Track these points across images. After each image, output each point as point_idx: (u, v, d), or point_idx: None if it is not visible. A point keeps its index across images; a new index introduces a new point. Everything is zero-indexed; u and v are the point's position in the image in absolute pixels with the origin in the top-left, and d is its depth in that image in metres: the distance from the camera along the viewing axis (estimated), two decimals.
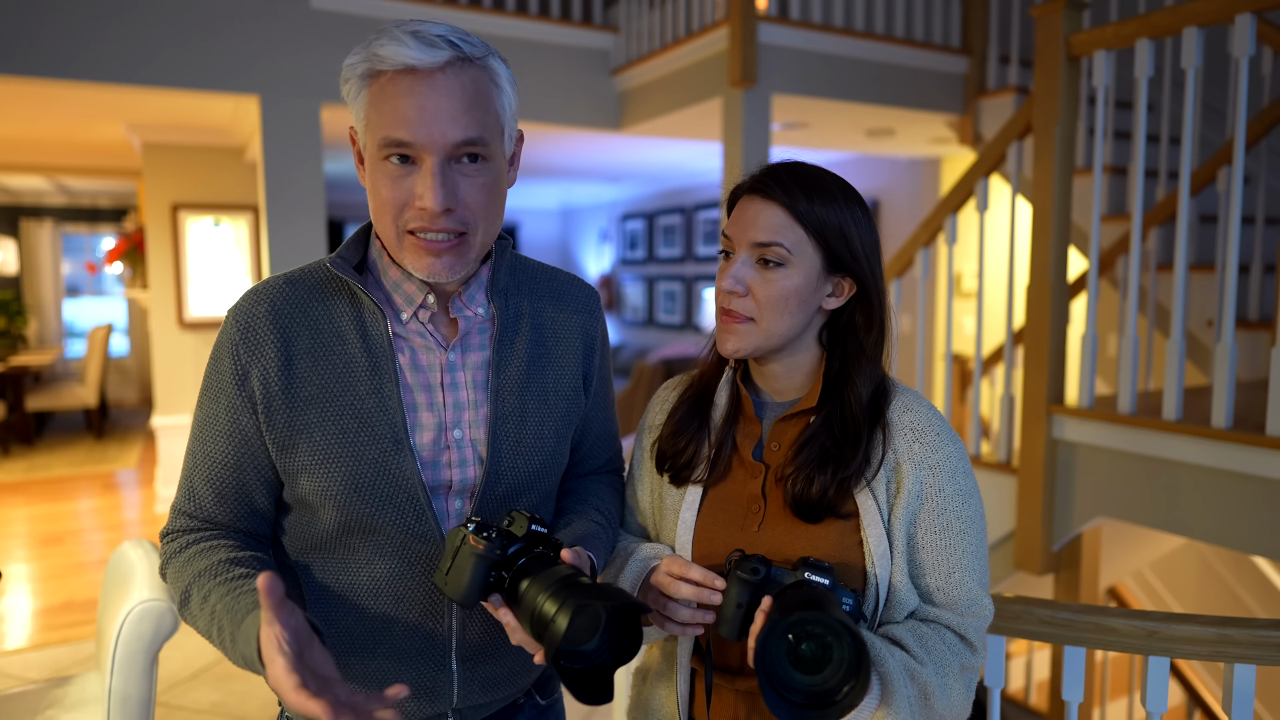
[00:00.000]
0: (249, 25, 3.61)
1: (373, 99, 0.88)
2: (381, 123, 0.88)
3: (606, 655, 0.86)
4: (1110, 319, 3.58)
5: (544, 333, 1.07)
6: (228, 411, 0.95)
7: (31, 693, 1.97)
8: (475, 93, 0.89)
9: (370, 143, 0.90)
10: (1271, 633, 1.35)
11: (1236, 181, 2.09)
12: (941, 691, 0.93)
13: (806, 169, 1.01)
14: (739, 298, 0.98)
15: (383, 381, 0.95)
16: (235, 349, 0.95)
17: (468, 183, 0.90)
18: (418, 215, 0.89)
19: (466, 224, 0.92)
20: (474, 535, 0.88)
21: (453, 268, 0.93)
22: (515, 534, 0.90)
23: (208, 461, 0.97)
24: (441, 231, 0.90)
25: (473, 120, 0.88)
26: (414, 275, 0.95)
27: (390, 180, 0.89)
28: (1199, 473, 2.23)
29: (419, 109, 0.86)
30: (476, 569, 0.87)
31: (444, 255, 0.92)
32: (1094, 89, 2.65)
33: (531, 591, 0.85)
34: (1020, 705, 3.60)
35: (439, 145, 0.87)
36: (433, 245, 0.91)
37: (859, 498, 0.98)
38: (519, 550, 0.89)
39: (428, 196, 0.87)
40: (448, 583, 0.90)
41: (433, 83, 0.86)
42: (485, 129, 0.90)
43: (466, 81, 0.88)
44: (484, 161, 0.91)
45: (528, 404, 1.03)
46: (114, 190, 8.59)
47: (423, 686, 1.00)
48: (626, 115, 4.46)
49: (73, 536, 4.82)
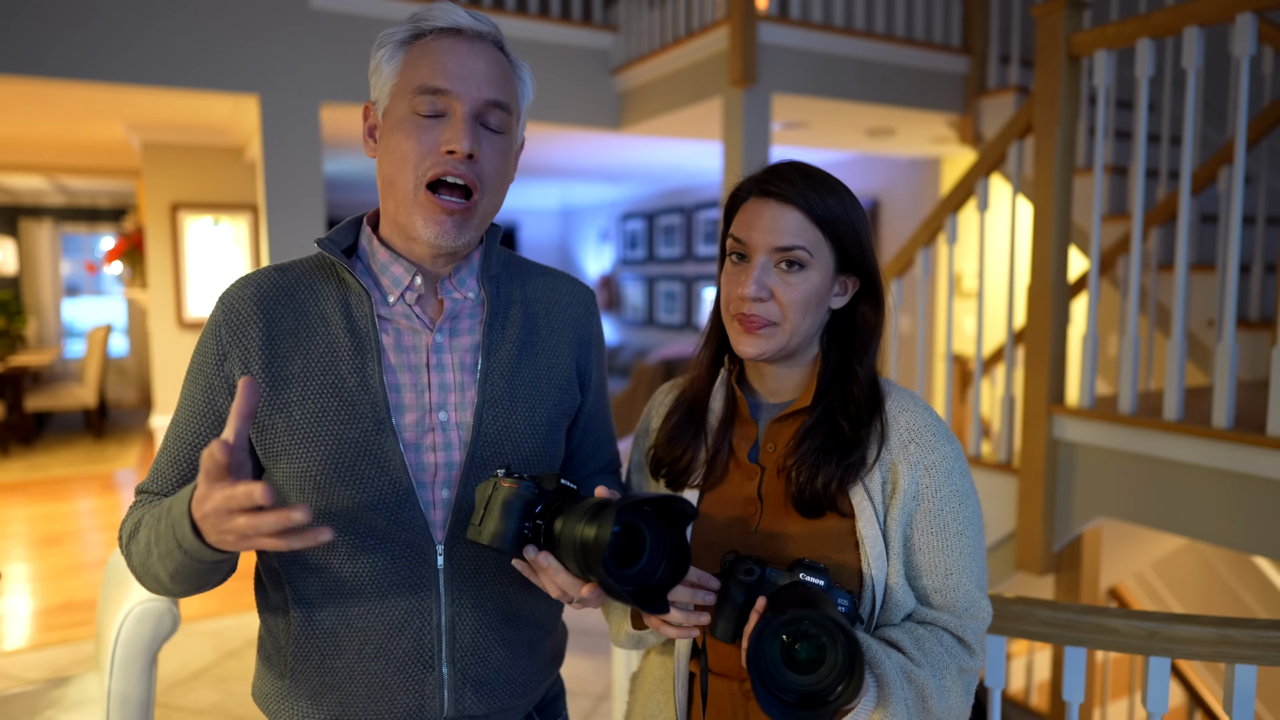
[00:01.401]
0: (249, 25, 3.61)
1: (411, 58, 0.94)
2: (418, 75, 0.92)
3: (660, 568, 0.85)
4: (1111, 319, 3.58)
5: (536, 320, 1.07)
6: (205, 392, 0.97)
7: (31, 693, 1.96)
8: (506, 69, 0.97)
9: (400, 97, 0.94)
10: (1272, 633, 1.35)
11: (1237, 181, 2.09)
12: (939, 694, 0.93)
13: (812, 169, 1.00)
14: (762, 303, 0.98)
15: (365, 361, 0.96)
16: (218, 330, 0.96)
17: (488, 144, 0.95)
18: (442, 160, 0.92)
19: (481, 179, 0.94)
20: (505, 478, 0.88)
21: (459, 230, 0.95)
22: (546, 487, 0.90)
23: (178, 442, 0.98)
24: (460, 178, 0.93)
25: (503, 88, 0.95)
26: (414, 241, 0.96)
27: (417, 130, 0.92)
28: (1200, 473, 2.23)
29: (459, 63, 0.92)
30: (513, 507, 0.87)
31: (455, 215, 0.94)
32: (1094, 88, 2.65)
33: (569, 522, 0.84)
34: (1021, 706, 3.60)
35: (473, 98, 0.92)
36: (446, 204, 0.93)
37: (855, 498, 0.98)
38: (550, 500, 0.89)
39: (457, 140, 0.91)
40: (483, 532, 0.88)
41: (473, 45, 0.94)
42: (510, 99, 0.96)
43: (501, 59, 0.97)
44: (503, 133, 0.96)
45: (517, 389, 1.02)
46: (113, 190, 8.59)
47: (410, 693, 0.98)
48: (626, 115, 4.45)
49: (72, 537, 4.81)
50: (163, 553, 0.87)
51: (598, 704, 3.03)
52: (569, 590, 0.88)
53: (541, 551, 0.87)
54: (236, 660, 3.29)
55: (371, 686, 0.97)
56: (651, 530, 0.84)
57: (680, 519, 0.84)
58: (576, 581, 0.87)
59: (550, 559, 0.87)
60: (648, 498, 0.82)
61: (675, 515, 0.84)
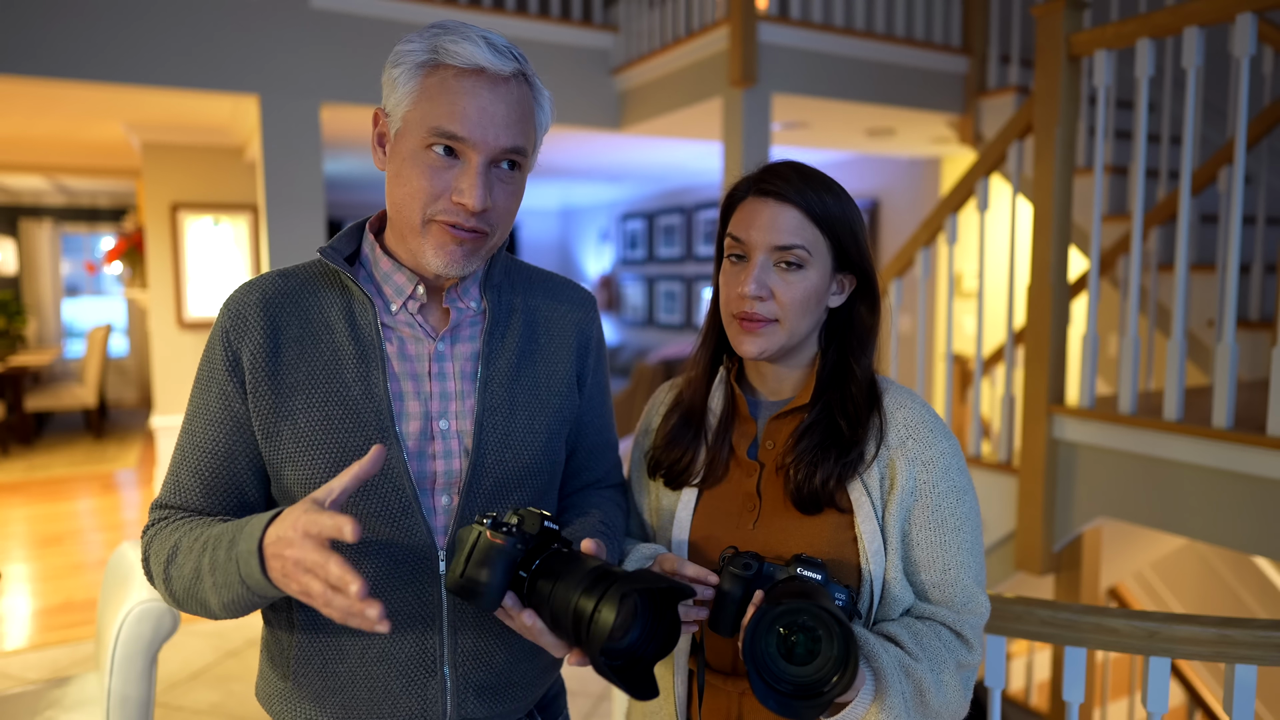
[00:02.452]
0: (249, 25, 3.61)
1: (429, 89, 0.90)
2: (435, 113, 0.89)
3: (649, 645, 0.83)
4: (1111, 319, 3.58)
5: (536, 328, 1.07)
6: (219, 398, 0.96)
7: (31, 693, 1.96)
8: (526, 107, 0.94)
9: (415, 130, 0.91)
10: (1272, 633, 1.35)
11: (1237, 181, 2.09)
12: (937, 688, 0.93)
13: (809, 168, 1.01)
14: (762, 302, 0.98)
15: (369, 369, 0.96)
16: (226, 334, 0.96)
17: (501, 187, 0.93)
18: (453, 210, 0.91)
19: (491, 225, 0.94)
20: (491, 531, 0.85)
21: (468, 261, 0.95)
22: (529, 532, 0.86)
23: (197, 452, 0.96)
24: (472, 230, 0.92)
25: (521, 131, 0.93)
26: (421, 264, 0.96)
27: (430, 170, 0.90)
28: (1200, 473, 2.23)
29: (479, 109, 0.89)
30: (498, 567, 0.83)
31: (465, 245, 0.93)
32: (1094, 88, 2.65)
33: (561, 589, 0.82)
34: (1021, 706, 3.60)
35: (490, 147, 0.90)
36: (458, 234, 0.92)
37: (853, 494, 0.99)
38: (535, 548, 0.86)
39: (470, 194, 0.90)
40: (463, 585, 0.85)
41: (495, 88, 0.90)
42: (527, 141, 0.94)
43: (523, 95, 0.93)
44: (518, 170, 0.95)
45: (517, 397, 1.02)
46: (113, 190, 8.59)
47: (413, 697, 0.98)
48: (626, 115, 4.45)
49: (72, 537, 4.81)
50: (219, 583, 0.86)
51: (598, 704, 3.03)
52: (550, 649, 0.87)
53: (526, 610, 0.85)
54: (236, 660, 3.29)
55: (374, 690, 0.97)
56: (646, 607, 0.83)
57: (674, 596, 0.84)
58: (561, 644, 0.86)
59: (536, 620, 0.85)
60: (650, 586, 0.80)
61: (671, 593, 0.83)
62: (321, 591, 0.76)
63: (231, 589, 0.85)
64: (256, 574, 0.81)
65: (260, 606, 0.90)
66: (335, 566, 0.74)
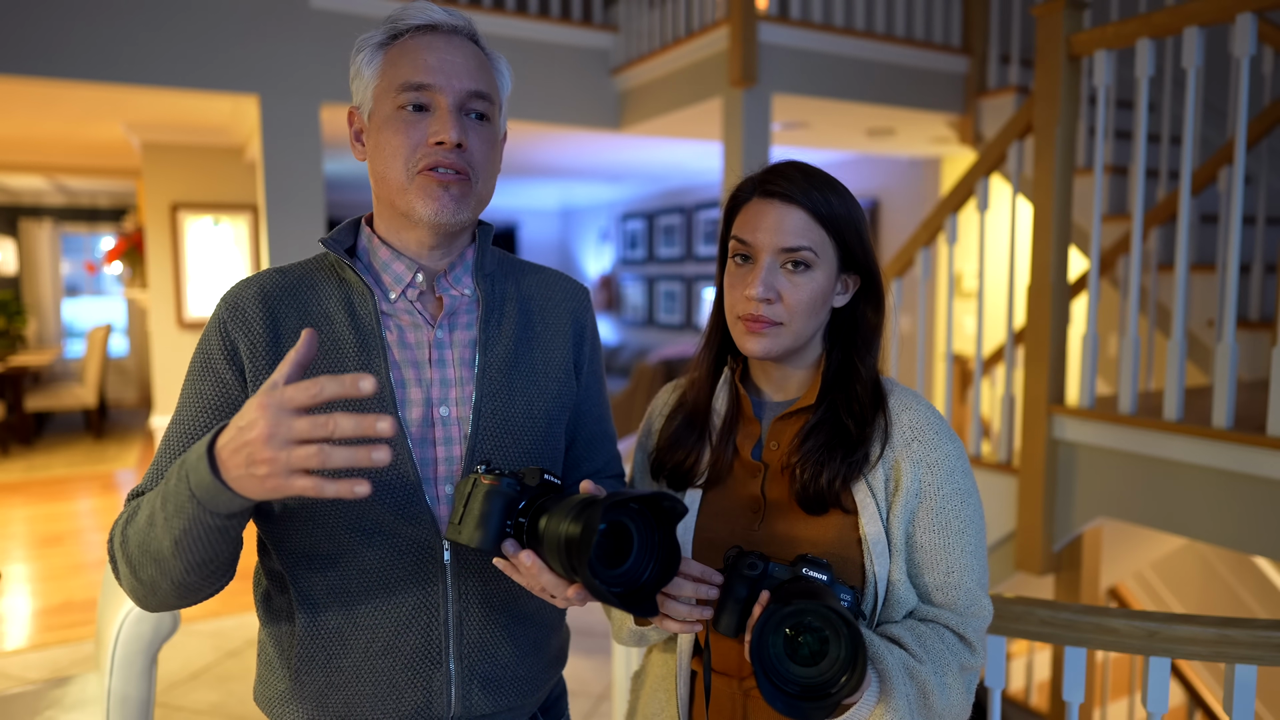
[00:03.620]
0: (249, 25, 3.61)
1: (390, 58, 0.96)
2: (399, 73, 0.95)
3: (647, 568, 0.82)
4: (1111, 319, 3.58)
5: (531, 315, 1.08)
6: (216, 386, 0.95)
7: (31, 693, 1.96)
8: (482, 60, 0.99)
9: (384, 97, 0.96)
10: (1272, 633, 1.35)
11: (1237, 181, 2.09)
12: (940, 690, 0.93)
13: (812, 168, 1.01)
14: (769, 304, 0.98)
15: (371, 357, 0.97)
16: (223, 325, 0.96)
17: (474, 134, 0.97)
18: (432, 151, 0.94)
19: (472, 166, 0.96)
20: (486, 475, 0.86)
21: (457, 206, 0.96)
22: (528, 484, 0.88)
23: (186, 439, 0.94)
24: (452, 166, 0.95)
25: (483, 78, 0.98)
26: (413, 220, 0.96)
27: (405, 126, 0.94)
28: (1200, 473, 2.23)
29: (439, 58, 0.95)
30: (494, 506, 0.85)
31: (451, 189, 0.95)
32: (1094, 88, 2.65)
33: (554, 520, 0.82)
34: (1021, 706, 3.60)
35: (455, 90, 0.95)
36: (443, 177, 0.95)
37: (857, 495, 0.99)
38: (533, 496, 0.87)
39: (444, 131, 0.93)
40: (462, 531, 0.86)
41: (450, 40, 0.97)
42: (490, 88, 0.99)
43: (478, 52, 0.99)
44: (487, 121, 0.99)
45: (515, 383, 1.03)
46: (113, 190, 8.59)
47: (418, 690, 0.98)
48: (626, 115, 4.45)
49: (72, 537, 4.81)
50: (170, 514, 0.80)
51: (598, 704, 3.03)
52: (553, 590, 0.86)
53: (524, 550, 0.85)
54: (236, 660, 3.29)
55: (379, 685, 0.97)
56: (639, 528, 0.82)
57: (669, 516, 0.83)
58: (561, 582, 0.85)
59: (533, 558, 0.84)
60: (635, 495, 0.80)
61: (664, 513, 0.83)
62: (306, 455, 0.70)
63: (182, 514, 0.79)
64: (207, 477, 0.75)
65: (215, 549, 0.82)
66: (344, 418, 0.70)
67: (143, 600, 0.90)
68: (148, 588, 0.87)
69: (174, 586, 0.86)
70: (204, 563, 0.84)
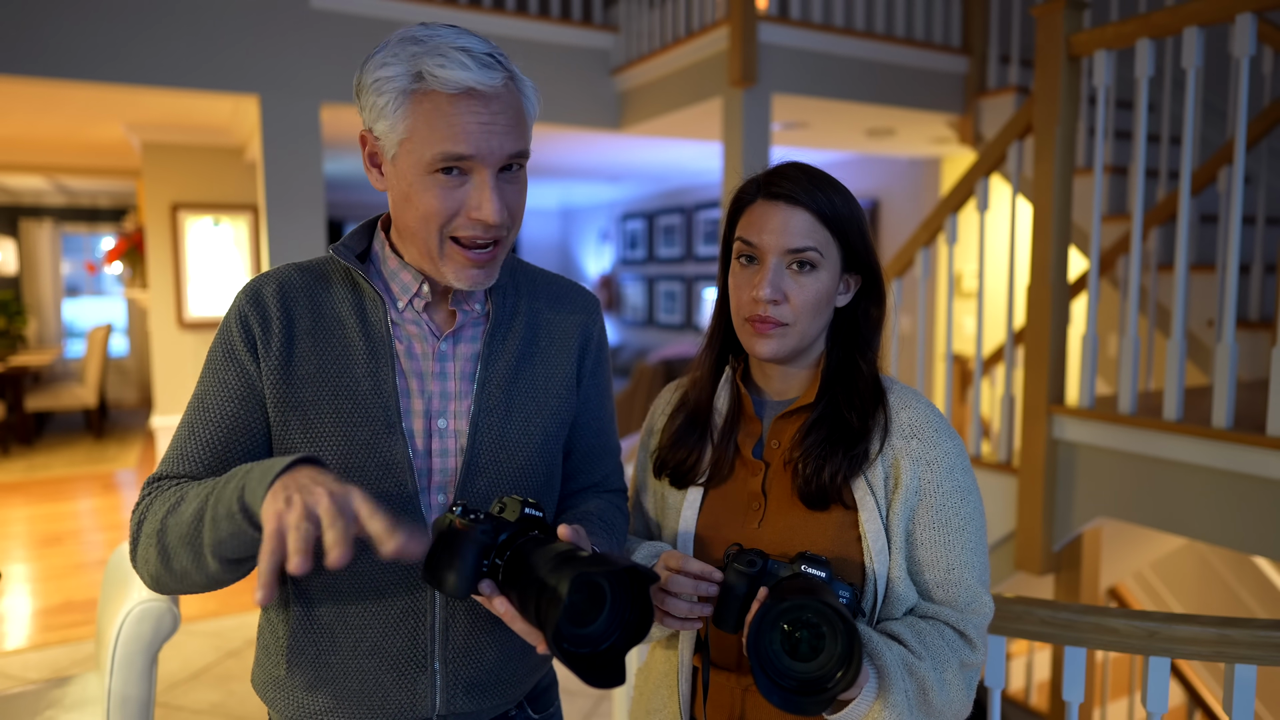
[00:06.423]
0: (249, 25, 3.61)
1: (424, 115, 0.89)
2: (436, 138, 0.89)
3: (615, 635, 0.81)
4: (1111, 319, 3.58)
5: (538, 331, 1.08)
6: (239, 374, 0.96)
7: (31, 693, 1.96)
8: (518, 109, 0.94)
9: (416, 156, 0.91)
10: (1272, 633, 1.35)
11: (1237, 181, 2.09)
12: (939, 687, 0.94)
13: (814, 169, 1.02)
14: (776, 305, 0.99)
15: (379, 365, 0.98)
16: (244, 317, 0.97)
17: (510, 189, 0.95)
18: (472, 224, 0.92)
19: (508, 229, 0.96)
20: (460, 518, 0.85)
21: (489, 276, 0.97)
22: (507, 520, 0.85)
23: (210, 426, 0.95)
24: (490, 242, 0.94)
25: (520, 134, 0.93)
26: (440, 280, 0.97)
27: (442, 191, 0.91)
28: (1199, 473, 2.23)
29: (481, 126, 0.90)
30: (466, 554, 0.83)
31: (485, 266, 0.96)
32: (1094, 89, 2.65)
33: (527, 573, 0.80)
34: (1021, 706, 3.60)
35: (496, 158, 0.91)
36: (478, 258, 0.94)
37: (857, 492, 0.99)
38: (512, 535, 0.85)
39: (487, 208, 0.91)
40: (434, 574, 0.84)
41: (490, 104, 0.90)
42: (525, 140, 0.95)
43: (513, 99, 0.93)
44: (520, 168, 0.96)
45: (514, 399, 1.03)
46: (113, 190, 8.59)
47: (403, 690, 0.99)
48: (626, 115, 4.45)
49: (72, 537, 4.81)
50: (219, 515, 0.82)
51: (598, 704, 3.03)
52: (525, 637, 0.85)
53: (499, 596, 0.84)
54: (236, 660, 3.29)
55: (365, 683, 0.99)
56: (612, 586, 0.80)
57: (643, 584, 0.81)
58: (534, 631, 0.84)
59: (508, 606, 0.84)
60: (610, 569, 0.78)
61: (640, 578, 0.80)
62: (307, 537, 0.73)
63: (230, 519, 0.81)
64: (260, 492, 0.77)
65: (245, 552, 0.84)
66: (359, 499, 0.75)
67: (163, 585, 0.92)
68: (177, 576, 0.90)
69: (207, 580, 0.89)
70: (231, 562, 0.86)
